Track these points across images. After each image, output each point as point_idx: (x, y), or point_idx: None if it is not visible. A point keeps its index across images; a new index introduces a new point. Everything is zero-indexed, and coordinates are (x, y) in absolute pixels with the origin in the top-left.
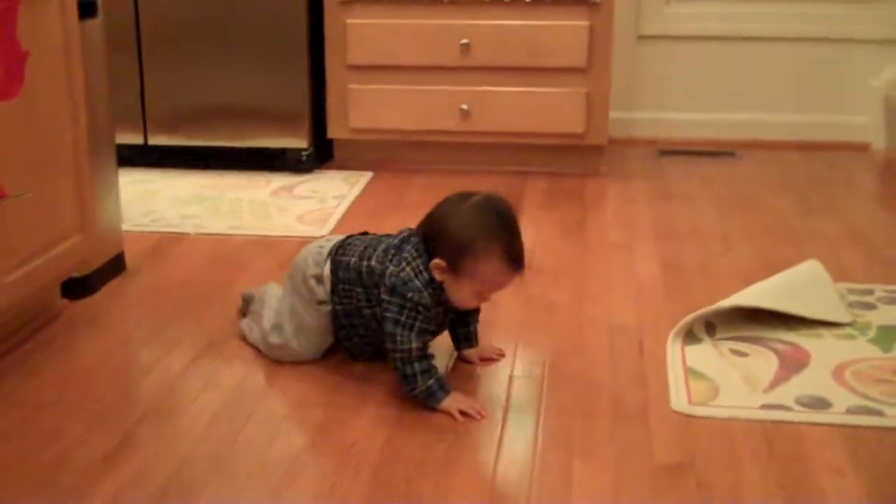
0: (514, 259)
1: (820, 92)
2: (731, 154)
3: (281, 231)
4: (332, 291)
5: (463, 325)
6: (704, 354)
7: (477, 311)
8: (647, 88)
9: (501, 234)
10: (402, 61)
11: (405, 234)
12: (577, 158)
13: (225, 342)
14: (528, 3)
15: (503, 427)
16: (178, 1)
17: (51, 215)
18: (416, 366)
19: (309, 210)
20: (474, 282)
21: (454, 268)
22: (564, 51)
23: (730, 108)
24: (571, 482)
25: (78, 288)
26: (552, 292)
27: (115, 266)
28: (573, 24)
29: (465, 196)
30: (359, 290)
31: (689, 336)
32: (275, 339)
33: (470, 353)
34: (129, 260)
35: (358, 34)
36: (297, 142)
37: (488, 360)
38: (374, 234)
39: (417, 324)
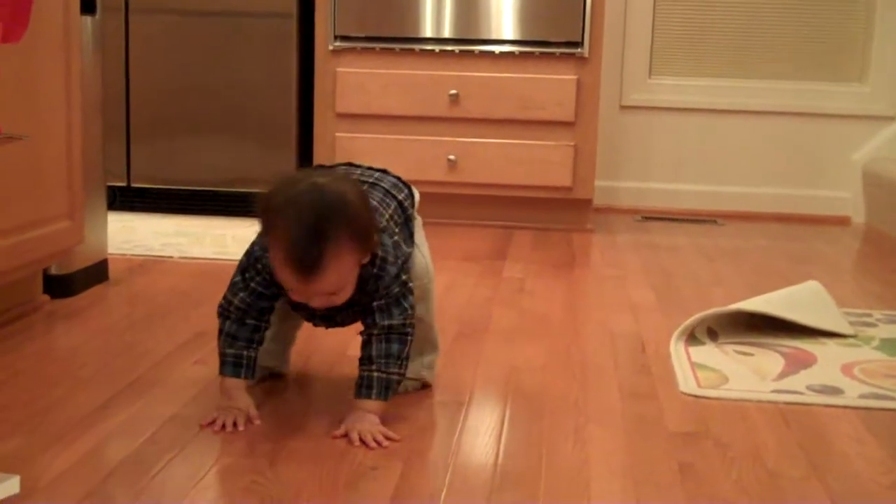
0: (295, 260)
1: (801, 165)
2: (713, 222)
3: None
4: None
5: (364, 363)
6: (709, 353)
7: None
8: (630, 158)
9: (295, 239)
10: (391, 111)
11: None
12: (564, 214)
13: (213, 335)
14: (517, 55)
15: (507, 404)
16: (168, 50)
17: (42, 193)
18: (223, 322)
19: None
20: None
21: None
22: (553, 104)
23: (711, 179)
24: (584, 442)
25: (59, 286)
26: (546, 307)
27: (98, 272)
28: (562, 77)
29: (303, 179)
30: None
31: (692, 339)
32: None
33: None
34: (112, 273)
35: (348, 83)
36: None
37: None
38: None
39: (252, 283)
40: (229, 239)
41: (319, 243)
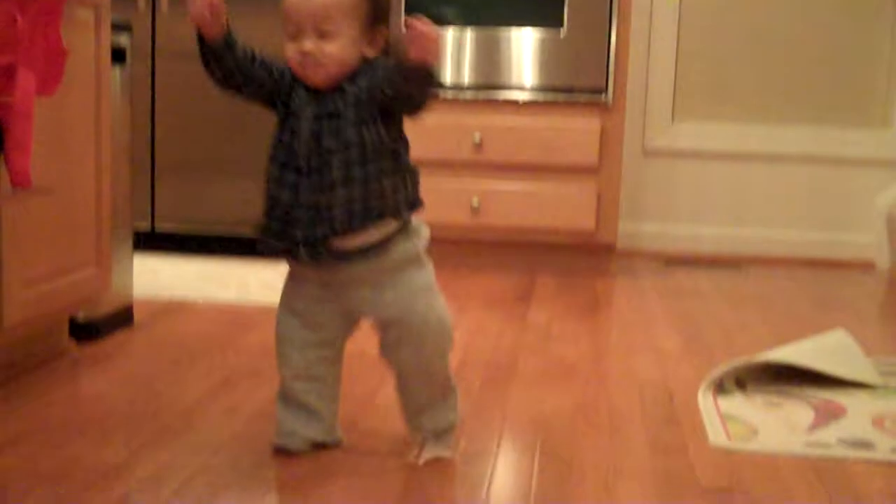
0: None
1: (824, 210)
2: (736, 267)
3: None
4: None
5: None
6: (737, 403)
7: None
8: (653, 201)
9: None
10: (415, 155)
11: None
12: (587, 259)
13: (241, 381)
14: (541, 103)
15: (535, 457)
16: (193, 96)
17: (70, 241)
18: None
19: None
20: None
21: None
22: (576, 150)
23: (734, 223)
24: (615, 499)
25: (85, 332)
26: (572, 353)
27: (124, 317)
28: (585, 125)
29: None
30: None
31: (720, 389)
32: None
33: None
34: (137, 317)
35: None
36: None
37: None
38: None
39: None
40: (253, 282)
41: None
